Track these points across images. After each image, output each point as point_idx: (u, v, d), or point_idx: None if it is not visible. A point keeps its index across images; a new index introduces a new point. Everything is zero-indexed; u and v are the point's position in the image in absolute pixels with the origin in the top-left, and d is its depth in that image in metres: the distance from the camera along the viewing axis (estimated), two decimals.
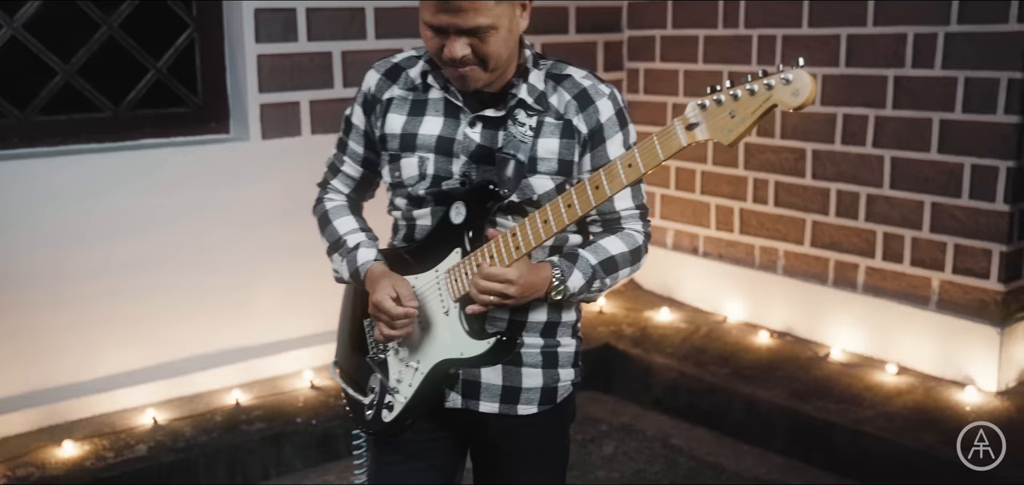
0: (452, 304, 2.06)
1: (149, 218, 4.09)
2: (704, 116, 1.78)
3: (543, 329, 2.14)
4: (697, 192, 5.24)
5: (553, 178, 2.04)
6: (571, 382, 2.21)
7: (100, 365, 4.04)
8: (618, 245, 2.10)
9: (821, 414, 4.01)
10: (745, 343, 4.73)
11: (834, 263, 4.67)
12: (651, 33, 5.33)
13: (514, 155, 2.01)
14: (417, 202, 2.11)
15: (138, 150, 4.12)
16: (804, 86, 1.70)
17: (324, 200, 2.30)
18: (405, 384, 2.14)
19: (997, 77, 3.98)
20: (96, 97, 4.08)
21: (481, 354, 2.04)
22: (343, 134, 2.25)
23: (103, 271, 4.00)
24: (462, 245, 2.03)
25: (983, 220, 4.10)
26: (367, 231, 2.24)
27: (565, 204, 1.91)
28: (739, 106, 1.76)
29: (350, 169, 2.26)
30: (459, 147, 2.05)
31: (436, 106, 2.09)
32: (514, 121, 2.03)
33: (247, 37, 4.21)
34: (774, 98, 1.73)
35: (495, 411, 2.14)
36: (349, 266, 2.16)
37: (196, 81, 4.30)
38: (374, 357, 2.20)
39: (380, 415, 2.17)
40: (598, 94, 2.06)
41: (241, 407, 4.07)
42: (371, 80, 2.17)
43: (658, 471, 3.95)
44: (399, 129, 2.10)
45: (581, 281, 2.04)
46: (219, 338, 4.28)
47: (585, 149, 2.06)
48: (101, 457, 3.67)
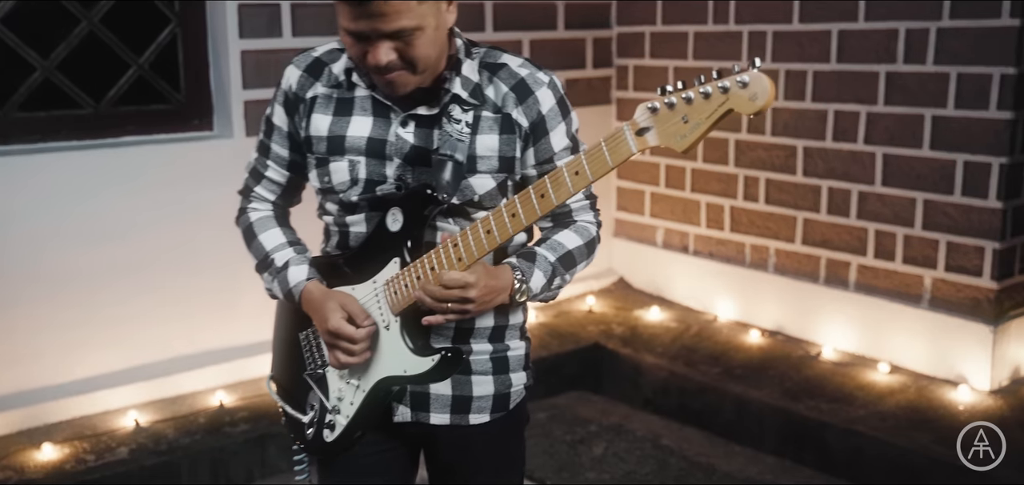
0: (392, 318, 1.95)
1: (131, 217, 4.02)
2: (655, 120, 1.66)
3: (491, 334, 2.05)
4: (687, 190, 5.19)
5: (494, 176, 1.94)
6: (524, 386, 2.13)
7: (81, 366, 3.98)
8: (573, 239, 2.03)
9: (813, 414, 3.97)
10: (736, 342, 4.69)
11: (826, 261, 4.63)
12: (640, 29, 5.28)
13: (451, 156, 1.89)
14: (350, 208, 1.99)
15: (119, 148, 4.05)
16: (762, 90, 1.56)
17: (248, 211, 2.14)
18: (346, 402, 2.03)
19: (990, 72, 3.94)
20: (76, 94, 4.01)
21: (425, 372, 1.94)
22: (264, 136, 2.09)
23: (84, 271, 3.94)
24: (400, 255, 1.92)
25: (976, 217, 4.06)
26: (296, 244, 2.11)
27: (509, 213, 1.80)
28: (692, 110, 1.62)
29: (275, 174, 2.10)
30: (392, 149, 1.93)
31: (363, 105, 1.95)
32: (449, 118, 1.91)
33: (231, 33, 4.15)
34: (730, 103, 1.59)
35: (446, 423, 2.05)
36: (281, 286, 2.04)
37: (179, 77, 4.23)
38: (312, 373, 2.08)
39: (321, 434, 2.06)
40: (537, 83, 1.95)
41: (225, 408, 4.00)
42: (291, 77, 2.01)
43: (649, 472, 3.89)
44: (325, 131, 1.96)
45: (542, 280, 1.96)
46: (202, 339, 4.22)
47: (527, 143, 1.95)
48: (81, 460, 3.60)
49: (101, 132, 4.04)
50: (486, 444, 2.10)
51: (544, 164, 1.97)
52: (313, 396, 2.08)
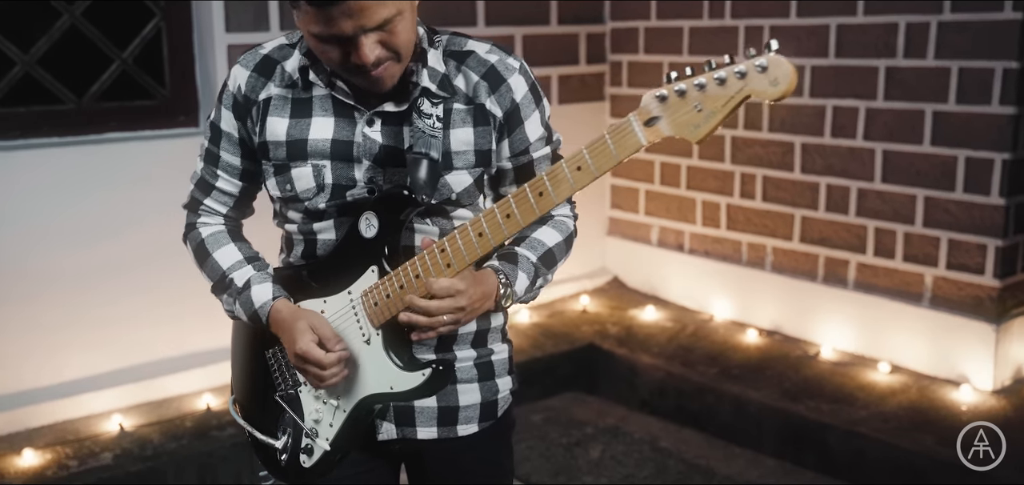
0: (373, 332, 1.82)
1: (115, 215, 3.93)
2: (664, 109, 1.55)
3: (474, 339, 1.94)
4: (682, 187, 5.12)
5: (471, 172, 1.82)
6: (510, 391, 2.02)
7: (63, 369, 3.88)
8: (553, 236, 1.93)
9: (813, 415, 3.90)
10: (733, 342, 4.62)
11: (824, 259, 4.56)
12: (634, 24, 5.20)
13: (426, 153, 1.75)
14: (316, 215, 1.85)
15: (103, 144, 3.95)
16: (783, 74, 1.47)
17: (198, 227, 1.97)
18: (325, 424, 1.89)
19: (992, 67, 3.88)
20: (58, 89, 3.91)
21: (414, 388, 1.81)
22: (211, 144, 1.91)
23: (66, 271, 3.85)
24: (378, 262, 1.79)
25: (978, 214, 4.00)
26: (255, 260, 1.95)
27: (503, 214, 1.69)
28: (706, 98, 1.52)
29: (226, 185, 1.94)
30: (360, 150, 1.79)
31: (323, 105, 1.81)
32: (419, 114, 1.77)
33: (217, 26, 4.06)
34: (748, 89, 1.50)
35: (434, 437, 1.93)
36: (244, 308, 1.88)
37: (163, 72, 4.13)
38: (284, 394, 1.93)
39: (297, 460, 1.92)
40: (508, 70, 1.83)
41: (212, 412, 3.91)
42: (239, 78, 1.85)
43: (647, 475, 3.81)
44: (283, 135, 1.81)
45: (526, 282, 1.85)
46: (188, 340, 4.12)
47: (502, 134, 1.84)
48: (64, 466, 3.50)
49: (84, 129, 3.94)
50: (475, 456, 2.00)
51: (519, 156, 1.88)
52: (285, 419, 1.94)
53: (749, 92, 1.50)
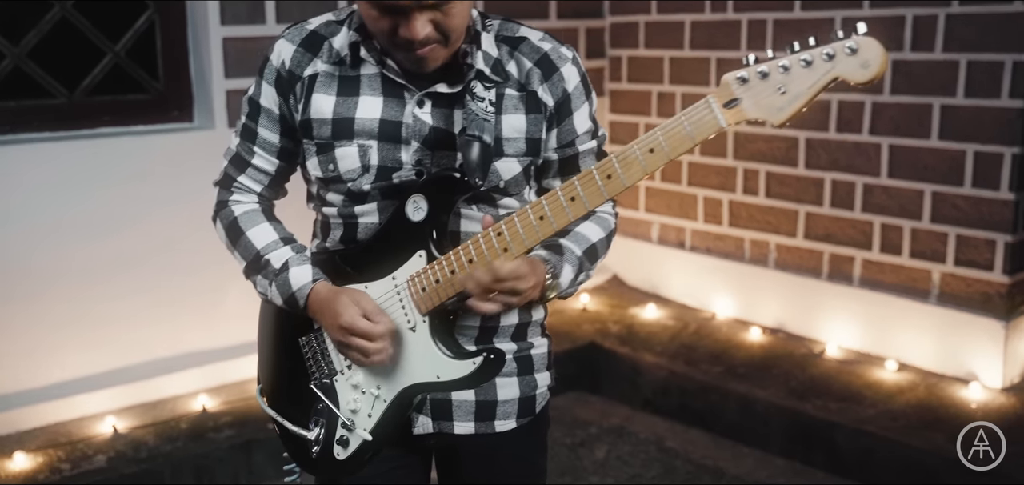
0: (420, 318, 1.76)
1: (106, 213, 3.85)
2: (746, 91, 1.52)
3: (514, 332, 1.89)
4: (683, 184, 5.05)
5: (520, 160, 1.78)
6: (548, 387, 1.96)
7: (55, 370, 3.80)
8: (596, 231, 1.88)
9: (821, 414, 3.84)
10: (736, 340, 4.55)
11: (829, 256, 4.50)
12: (634, 19, 5.14)
13: (479, 136, 1.70)
14: (358, 198, 1.79)
15: (95, 139, 3.88)
16: (874, 57, 1.46)
17: (230, 204, 1.91)
18: (363, 415, 1.83)
19: (1001, 60, 3.83)
20: (48, 83, 3.83)
21: (465, 377, 1.75)
22: (248, 120, 1.86)
23: (57, 270, 3.76)
24: (426, 247, 1.73)
25: (986, 209, 3.95)
26: (291, 241, 1.90)
27: (567, 197, 1.62)
28: (790, 80, 1.50)
29: (262, 162, 1.88)
30: (409, 132, 1.75)
31: (371, 84, 1.76)
32: (472, 96, 1.73)
33: (211, 19, 3.99)
34: (836, 71, 1.48)
35: (471, 432, 1.87)
36: (281, 291, 1.82)
37: (157, 66, 4.05)
38: (318, 383, 1.87)
39: (331, 452, 1.85)
40: (561, 59, 1.80)
41: (208, 413, 3.84)
42: (284, 52, 1.80)
43: (655, 475, 3.75)
44: (330, 113, 1.76)
45: (570, 275, 1.80)
46: (184, 340, 4.04)
47: (551, 124, 1.80)
48: (56, 469, 3.43)
49: (75, 123, 3.87)
50: (511, 453, 1.94)
51: (565, 148, 1.83)
52: (319, 409, 1.87)
53: (837, 74, 1.49)
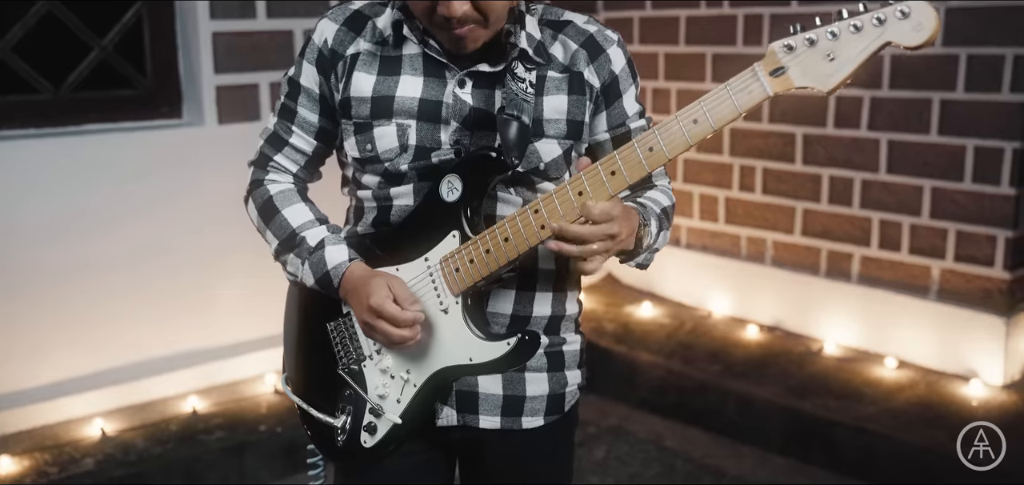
0: (453, 300, 1.73)
1: (94, 210, 3.78)
2: (793, 58, 1.51)
3: (547, 325, 1.84)
4: (679, 180, 5.01)
5: (561, 143, 1.76)
6: (578, 386, 1.92)
7: (41, 371, 3.73)
8: (663, 198, 1.84)
9: (821, 412, 3.81)
10: (734, 338, 4.51)
11: (826, 253, 4.46)
12: (629, 14, 5.09)
13: (517, 116, 1.68)
14: (395, 178, 1.77)
15: (81, 136, 3.80)
16: (927, 19, 1.44)
17: (265, 182, 1.90)
18: (391, 400, 1.79)
19: (1002, 53, 3.79)
20: (34, 78, 3.75)
21: (498, 358, 1.71)
22: (288, 99, 1.86)
23: (43, 269, 3.69)
24: (460, 227, 1.70)
25: (987, 204, 3.92)
26: (326, 222, 1.89)
27: (607, 171, 1.58)
28: (839, 46, 1.49)
29: (300, 142, 1.87)
30: (449, 111, 1.73)
31: (413, 64, 1.75)
32: (513, 76, 1.70)
33: (201, 14, 3.92)
34: (888, 36, 1.46)
35: (497, 426, 1.83)
36: (314, 270, 1.80)
37: (145, 61, 3.98)
38: (346, 368, 1.84)
39: (358, 439, 1.81)
40: (608, 41, 1.79)
41: (199, 415, 3.78)
42: (327, 31, 1.80)
43: (655, 475, 3.71)
44: (369, 92, 1.75)
45: (655, 229, 1.74)
46: (174, 340, 3.97)
47: (598, 107, 1.79)
48: (43, 473, 3.37)
49: (61, 119, 3.79)
50: (537, 451, 1.88)
51: (617, 128, 1.80)
52: (346, 395, 1.83)
53: (889, 38, 1.47)
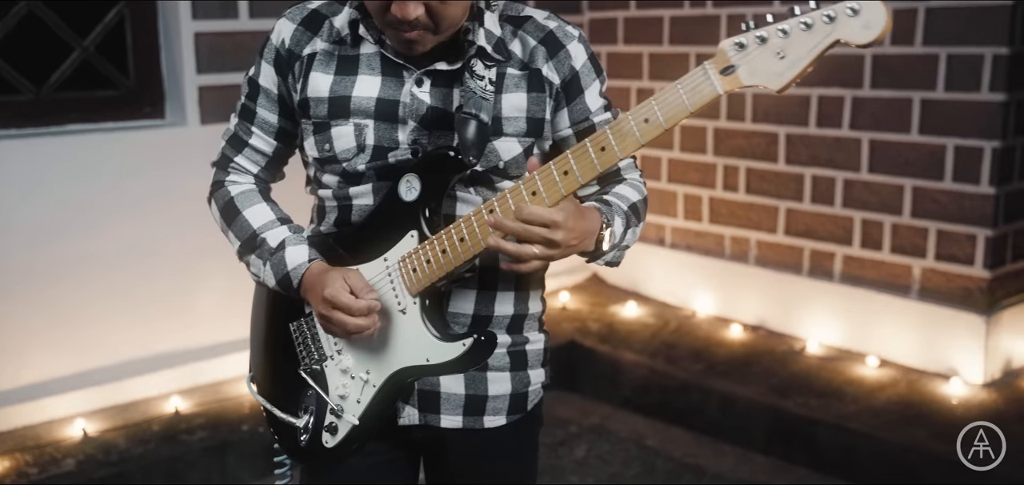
0: (410, 301, 1.72)
1: (76, 212, 3.76)
2: (743, 57, 1.47)
3: (509, 324, 1.83)
4: (663, 180, 5.02)
5: (521, 140, 1.74)
6: (541, 385, 1.91)
7: (23, 372, 3.71)
8: (633, 193, 1.82)
9: (803, 410, 3.81)
10: (717, 337, 4.52)
11: (809, 252, 4.47)
12: (613, 14, 5.10)
13: (476, 115, 1.67)
14: (354, 178, 1.76)
15: (63, 136, 3.78)
16: (876, 18, 1.41)
17: (226, 184, 1.90)
18: (351, 400, 1.79)
19: (981, 53, 3.81)
20: (15, 78, 3.73)
21: (454, 359, 1.71)
22: (248, 99, 1.85)
23: (25, 269, 3.67)
24: (418, 227, 1.70)
25: (967, 203, 3.93)
26: (287, 222, 1.88)
27: (561, 171, 1.56)
28: (789, 44, 1.46)
29: (260, 143, 1.87)
30: (406, 111, 1.72)
31: (370, 63, 1.74)
32: (471, 74, 1.69)
33: (183, 14, 3.91)
34: (837, 33, 1.44)
35: (458, 426, 1.83)
36: (275, 271, 1.80)
37: (127, 61, 3.96)
38: (308, 369, 1.84)
39: (320, 439, 1.82)
40: (567, 37, 1.76)
41: (181, 415, 3.77)
42: (285, 31, 1.79)
43: (635, 474, 3.71)
44: (326, 91, 1.74)
45: (621, 228, 1.72)
46: (156, 340, 3.95)
47: (559, 103, 1.76)
48: (23, 474, 3.35)
49: (42, 120, 3.77)
50: (500, 450, 1.88)
51: (580, 124, 1.78)
52: (308, 396, 1.84)
53: (839, 36, 1.44)
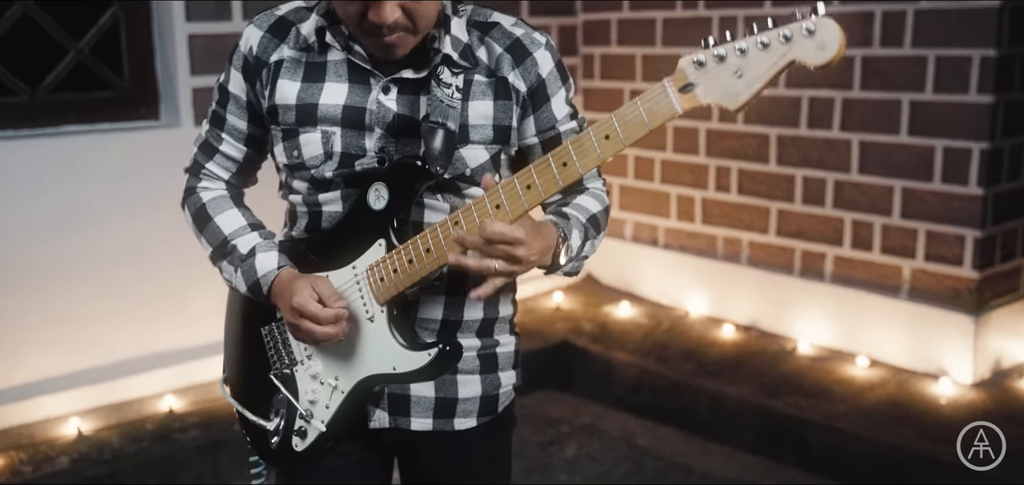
0: (378, 309, 1.73)
1: (71, 212, 3.79)
2: (702, 75, 1.47)
3: (479, 328, 1.85)
4: (657, 181, 5.04)
5: (488, 148, 1.74)
6: (513, 386, 1.92)
7: (17, 371, 3.73)
8: (594, 204, 1.83)
9: (792, 410, 3.83)
10: (709, 338, 4.54)
11: (800, 253, 4.50)
12: (606, 16, 5.12)
13: (443, 123, 1.67)
14: (322, 185, 1.77)
15: (58, 137, 3.81)
16: (832, 38, 1.41)
17: (198, 190, 1.90)
18: (321, 406, 1.81)
19: (969, 55, 3.83)
20: (10, 80, 3.76)
21: (419, 368, 1.72)
22: (218, 106, 1.86)
23: (21, 269, 3.70)
24: (386, 236, 1.71)
25: (956, 204, 3.95)
26: (259, 227, 1.88)
27: (523, 185, 1.58)
28: (747, 63, 1.45)
29: (230, 149, 1.87)
30: (372, 118, 1.72)
31: (337, 70, 1.74)
32: (438, 82, 1.69)
33: (177, 16, 3.94)
34: (793, 54, 1.43)
35: (429, 428, 1.84)
36: (246, 278, 1.81)
37: (122, 63, 3.99)
38: (278, 373, 1.85)
39: (290, 443, 1.83)
40: (534, 44, 1.76)
41: (174, 414, 3.79)
42: (252, 38, 1.79)
43: (624, 473, 3.73)
44: (294, 99, 1.74)
45: (579, 241, 1.73)
46: (150, 340, 3.98)
47: (525, 111, 1.76)
48: (17, 471, 3.37)
49: (38, 121, 3.79)
50: (471, 452, 1.89)
51: (546, 132, 1.79)
52: (279, 399, 1.85)
53: (794, 57, 1.43)
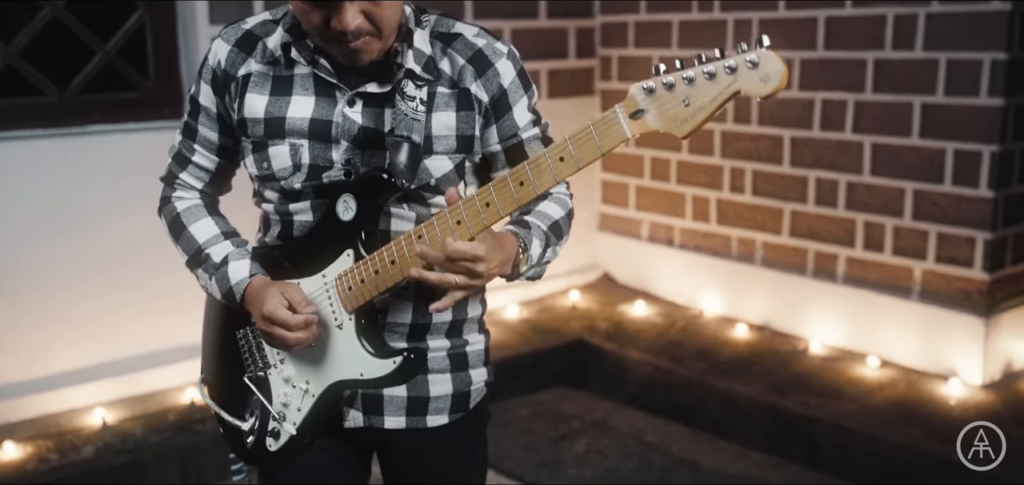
0: (346, 317, 1.79)
1: (98, 209, 3.90)
2: (651, 102, 1.52)
3: (448, 329, 1.90)
4: (672, 182, 5.09)
5: (452, 158, 1.78)
6: (484, 383, 1.98)
7: (45, 363, 3.85)
8: (556, 209, 1.88)
9: (801, 409, 3.86)
10: (722, 337, 4.58)
11: (813, 253, 4.53)
12: (624, 19, 5.18)
13: (408, 137, 1.71)
14: (292, 196, 1.81)
15: (86, 136, 3.92)
16: (774, 71, 1.44)
17: (173, 200, 1.95)
18: (292, 409, 1.87)
19: (980, 58, 3.85)
20: (40, 81, 3.88)
21: (385, 376, 1.78)
22: (190, 117, 1.90)
23: (49, 264, 3.82)
24: (354, 246, 1.76)
25: (966, 207, 3.97)
26: (232, 235, 1.93)
27: (482, 202, 1.63)
28: (695, 92, 1.49)
29: (202, 159, 1.92)
30: (338, 131, 1.75)
31: (304, 83, 1.77)
32: (402, 96, 1.73)
33: (200, 19, 4.03)
34: (738, 85, 1.47)
35: (402, 426, 1.89)
36: (220, 285, 1.85)
37: (147, 65, 4.10)
38: (252, 376, 1.91)
39: (264, 443, 1.89)
40: (496, 55, 1.80)
41: (196, 406, 3.88)
42: (220, 52, 1.82)
43: (632, 469, 3.78)
44: (262, 112, 1.78)
45: (539, 249, 1.78)
46: (173, 334, 4.06)
47: (488, 120, 1.80)
48: (44, 459, 3.47)
49: (66, 121, 3.91)
50: (445, 447, 1.96)
51: (509, 140, 1.84)
52: (253, 401, 1.91)
53: (738, 88, 1.47)
